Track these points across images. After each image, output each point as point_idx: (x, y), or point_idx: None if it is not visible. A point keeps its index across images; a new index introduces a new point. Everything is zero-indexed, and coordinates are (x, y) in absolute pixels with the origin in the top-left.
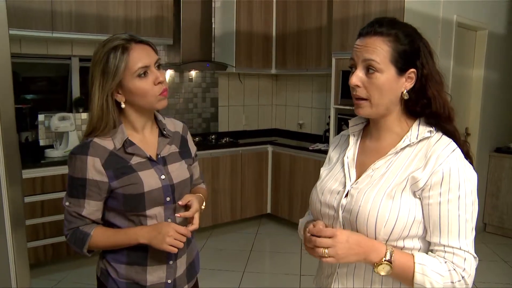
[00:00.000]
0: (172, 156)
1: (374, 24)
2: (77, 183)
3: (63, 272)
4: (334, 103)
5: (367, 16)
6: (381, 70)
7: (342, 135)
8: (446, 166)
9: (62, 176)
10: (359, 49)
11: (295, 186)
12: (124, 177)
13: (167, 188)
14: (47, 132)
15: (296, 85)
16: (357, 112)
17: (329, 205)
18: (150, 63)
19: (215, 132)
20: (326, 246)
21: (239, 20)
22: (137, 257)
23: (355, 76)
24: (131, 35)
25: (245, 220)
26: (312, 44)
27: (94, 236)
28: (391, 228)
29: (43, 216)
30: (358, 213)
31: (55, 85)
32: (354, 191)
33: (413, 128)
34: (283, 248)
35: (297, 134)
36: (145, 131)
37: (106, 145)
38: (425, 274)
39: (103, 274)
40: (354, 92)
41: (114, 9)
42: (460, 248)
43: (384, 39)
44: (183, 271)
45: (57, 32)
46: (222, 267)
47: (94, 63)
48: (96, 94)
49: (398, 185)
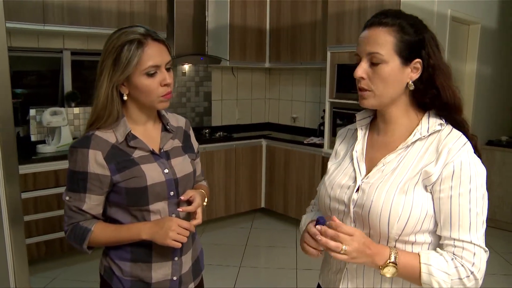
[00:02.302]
0: (176, 150)
1: (379, 15)
2: (78, 177)
3: (57, 269)
4: (329, 97)
5: (363, 10)
6: (385, 61)
7: (349, 129)
8: (457, 160)
9: (55, 172)
10: (363, 42)
11: (290, 180)
12: (126, 171)
13: (170, 182)
14: (39, 127)
15: (289, 79)
16: (362, 103)
17: (339, 200)
18: (161, 63)
19: (208, 126)
20: (344, 241)
21: (232, 13)
22: (141, 253)
23: (360, 68)
24: (148, 30)
25: (239, 214)
26: (307, 38)
27: (95, 231)
28: (404, 223)
29: (36, 213)
30: (370, 208)
31: (46, 79)
32: (365, 186)
33: (423, 121)
34: (278, 243)
35: (291, 128)
36: (148, 125)
37: (108, 138)
38: (431, 273)
39: (106, 272)
40: (359, 84)
41: (107, 2)
42: (471, 242)
43: (388, 30)
44: (189, 268)
45: (49, 25)
46: (218, 262)
47: (107, 52)
48: (104, 83)
49: (411, 179)
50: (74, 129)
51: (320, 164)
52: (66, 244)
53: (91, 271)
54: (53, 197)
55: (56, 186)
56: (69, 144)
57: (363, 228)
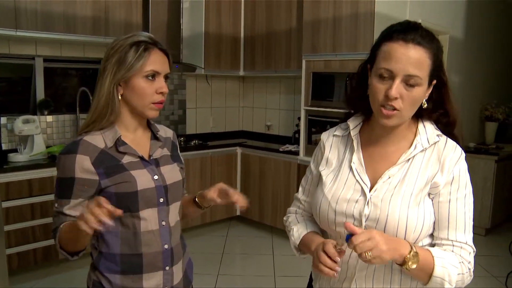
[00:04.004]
0: (165, 158)
1: (414, 31)
2: (65, 183)
3: (30, 281)
4: (305, 105)
5: (338, 18)
6: (421, 84)
7: (335, 135)
8: (457, 168)
9: (28, 181)
10: (403, 60)
11: (265, 188)
12: (116, 176)
13: (160, 189)
14: (10, 135)
15: (263, 87)
16: (385, 122)
17: (347, 214)
18: (162, 71)
19: (183, 134)
20: (368, 249)
21: (207, 21)
22: (131, 265)
23: (396, 88)
24: (156, 40)
25: (215, 222)
26: (282, 46)
27: (62, 227)
28: (419, 233)
29: (8, 224)
30: (386, 223)
31: (17, 86)
32: (376, 200)
33: (420, 131)
34: (255, 250)
35: (265, 136)
36: (138, 133)
37: (97, 143)
38: (444, 266)
39: (95, 286)
40: (389, 103)
41: (81, 9)
42: (466, 243)
43: (427, 52)
44: (180, 279)
45: (21, 31)
46: (195, 271)
47: (113, 49)
48: (107, 80)
49: (421, 190)
50: (47, 138)
51: (296, 171)
52: (39, 255)
53: (66, 283)
54: (27, 207)
55: (29, 196)
56: (43, 153)
57: None
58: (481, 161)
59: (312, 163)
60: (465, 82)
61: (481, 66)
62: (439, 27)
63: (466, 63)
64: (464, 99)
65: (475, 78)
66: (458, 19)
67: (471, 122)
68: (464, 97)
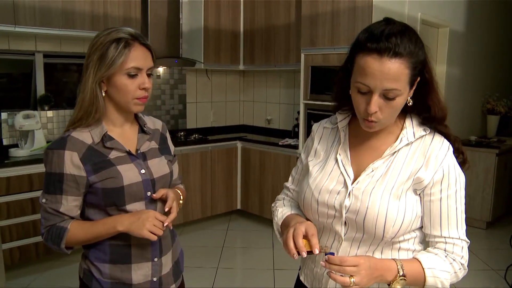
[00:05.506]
0: (152, 151)
1: (389, 40)
2: (54, 179)
3: (32, 275)
4: (304, 99)
5: (336, 12)
6: (401, 94)
7: (325, 127)
8: (445, 164)
9: (28, 176)
10: (378, 76)
11: (265, 182)
12: (102, 171)
13: (147, 183)
14: (11, 130)
15: (263, 81)
16: (368, 130)
17: (328, 205)
18: (144, 67)
19: (183, 129)
20: (351, 274)
21: (207, 16)
22: (120, 255)
23: (374, 104)
24: (138, 33)
25: (215, 216)
26: (281, 40)
27: (72, 229)
28: (398, 227)
29: (9, 218)
30: (366, 214)
31: (17, 82)
32: (357, 192)
33: (407, 126)
34: (255, 244)
35: (265, 130)
36: (125, 127)
37: (84, 139)
38: (435, 276)
39: (86, 275)
40: (369, 118)
41: (80, 4)
42: (459, 238)
43: (403, 61)
44: (169, 269)
45: (20, 26)
46: (196, 264)
47: (94, 47)
48: (90, 78)
49: (403, 184)
50: (48, 133)
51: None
52: (41, 249)
53: (67, 276)
54: (27, 201)
55: (30, 190)
56: (43, 148)
57: (356, 232)
58: (482, 154)
59: (303, 153)
60: (466, 75)
61: (483, 59)
62: (438, 20)
63: (467, 57)
64: (466, 92)
65: (476, 72)
66: (458, 12)
67: (473, 116)
68: (466, 90)
